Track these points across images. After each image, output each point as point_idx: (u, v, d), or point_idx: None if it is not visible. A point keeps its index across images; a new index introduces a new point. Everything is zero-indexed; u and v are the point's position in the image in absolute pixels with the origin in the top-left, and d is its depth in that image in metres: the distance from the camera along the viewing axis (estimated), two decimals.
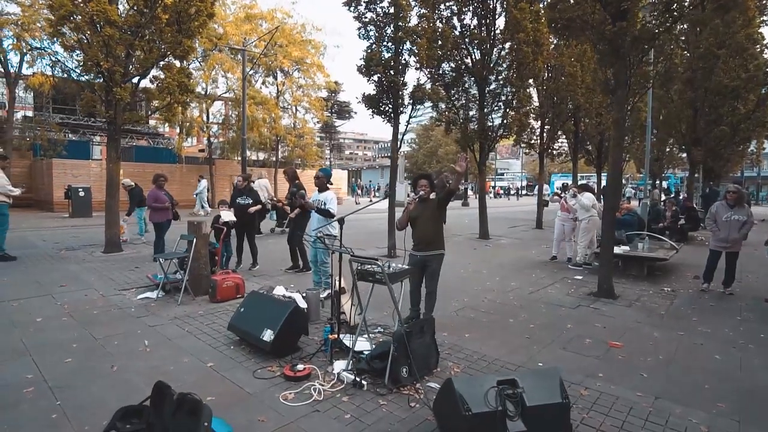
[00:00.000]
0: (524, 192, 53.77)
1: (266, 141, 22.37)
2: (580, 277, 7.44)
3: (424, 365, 3.45)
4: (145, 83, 8.99)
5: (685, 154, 17.74)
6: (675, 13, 5.72)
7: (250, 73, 20.02)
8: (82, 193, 15.66)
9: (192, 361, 3.68)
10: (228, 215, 6.77)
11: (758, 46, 15.08)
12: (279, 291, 4.74)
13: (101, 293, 5.70)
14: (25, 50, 17.02)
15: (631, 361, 3.91)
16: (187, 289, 5.46)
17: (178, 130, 22.01)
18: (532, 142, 15.40)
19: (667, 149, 22.88)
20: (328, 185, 5.85)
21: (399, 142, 8.86)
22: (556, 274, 7.69)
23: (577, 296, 6.18)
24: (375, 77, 8.40)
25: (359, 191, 36.96)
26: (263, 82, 23.82)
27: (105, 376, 3.38)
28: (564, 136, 17.59)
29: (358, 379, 3.23)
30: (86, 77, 7.89)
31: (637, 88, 6.63)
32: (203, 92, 20.76)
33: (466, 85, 12.08)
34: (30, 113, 23.45)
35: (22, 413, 2.83)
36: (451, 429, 2.46)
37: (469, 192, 35.39)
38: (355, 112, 38.01)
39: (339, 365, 3.49)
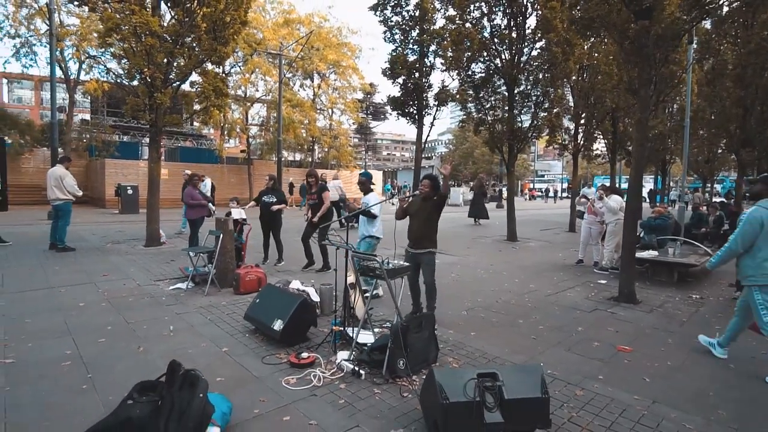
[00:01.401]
0: (564, 194, 52.14)
1: (302, 142, 23.01)
2: (604, 281, 7.28)
3: (423, 359, 3.58)
4: (185, 87, 9.58)
5: (734, 156, 16.71)
6: (706, 8, 5.54)
7: (288, 76, 20.69)
8: (130, 191, 16.78)
9: (209, 346, 3.99)
10: (238, 212, 7.15)
11: None
12: (294, 285, 4.99)
13: (138, 283, 6.19)
14: (82, 58, 18.44)
15: (636, 365, 3.86)
16: (214, 281, 5.84)
17: (219, 132, 23.06)
18: (566, 143, 15.02)
19: (719, 150, 21.66)
20: (371, 187, 6.05)
21: (423, 143, 8.98)
22: (580, 277, 7.56)
23: (597, 300, 6.08)
24: (400, 80, 8.57)
25: (393, 191, 37.14)
26: (301, 85, 24.59)
27: (132, 355, 3.74)
28: (602, 137, 17.05)
29: (357, 368, 3.41)
30: (131, 82, 8.52)
31: (664, 88, 6.41)
32: (243, 95, 21.65)
33: (496, 86, 12.02)
34: (87, 116, 25.30)
35: (58, 382, 3.21)
36: (432, 416, 2.58)
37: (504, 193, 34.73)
38: (390, 114, 38.31)
39: (342, 355, 3.68)
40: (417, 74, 8.40)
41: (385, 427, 2.73)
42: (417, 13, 8.30)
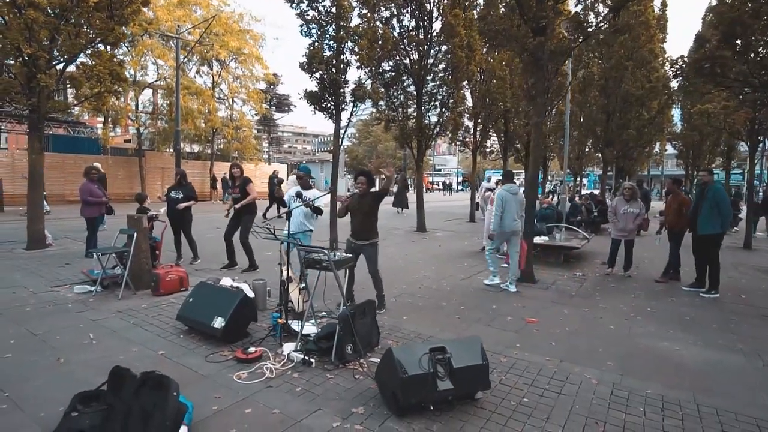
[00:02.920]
0: (460, 187, 56.06)
1: (201, 133, 21.57)
2: (505, 265, 8.18)
3: (367, 343, 3.83)
4: (71, 70, 8.50)
5: (599, 154, 19.62)
6: (584, 32, 6.55)
7: (183, 61, 19.17)
8: None
9: (141, 350, 3.78)
10: (155, 209, 6.72)
11: (660, 59, 17.10)
12: (226, 282, 4.87)
13: (31, 290, 5.48)
14: None
15: (543, 333, 4.56)
16: (128, 283, 5.41)
17: (102, 119, 20.58)
18: (466, 140, 16.30)
19: (586, 149, 25.15)
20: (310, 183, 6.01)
21: (341, 139, 9.15)
22: (484, 262, 8.39)
23: (503, 281, 6.87)
24: (317, 74, 8.61)
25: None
26: (197, 72, 22.92)
27: (51, 368, 3.40)
28: (495, 135, 18.80)
29: (306, 357, 3.54)
30: (5, 61, 7.34)
31: (554, 96, 7.42)
32: (132, 79, 19.58)
33: (405, 85, 12.63)
34: None
35: None
36: (390, 391, 2.85)
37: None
38: (295, 106, 37.66)
39: (288, 347, 3.77)
40: (334, 70, 8.49)
41: (346, 406, 2.93)
42: (333, 10, 8.37)
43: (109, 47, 8.28)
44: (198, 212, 7.66)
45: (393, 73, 12.07)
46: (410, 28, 11.84)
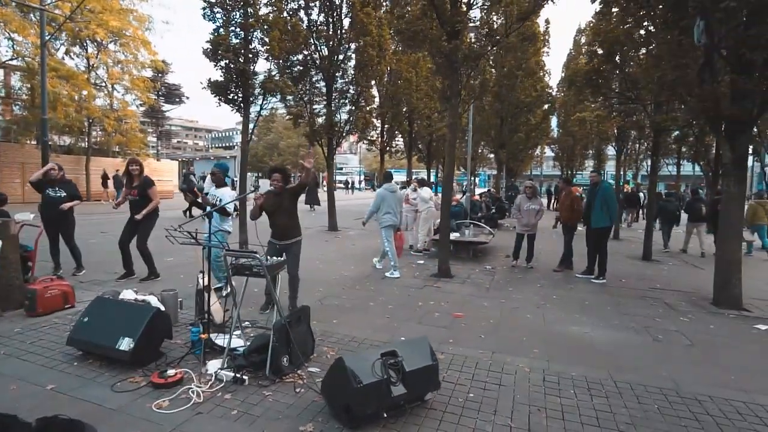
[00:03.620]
0: (362, 186, 56.73)
1: (73, 123, 18.71)
2: (422, 262, 8.42)
3: (302, 352, 3.57)
4: None
5: (492, 155, 21.29)
6: (493, 39, 6.96)
7: (49, 38, 16.43)
8: None
9: (23, 386, 3.06)
10: (23, 215, 5.62)
11: (541, 72, 19.06)
12: (128, 295, 4.20)
13: None
14: None
15: (471, 327, 4.71)
16: None
17: None
18: (374, 139, 16.48)
19: (480, 150, 27.08)
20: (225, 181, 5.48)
21: (249, 134, 8.56)
22: (401, 260, 8.48)
23: (422, 278, 7.03)
24: (223, 63, 7.94)
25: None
26: (66, 52, 19.81)
27: None
28: (401, 136, 19.32)
29: (238, 375, 3.18)
30: None
31: (467, 98, 7.78)
32: None
33: (314, 80, 12.31)
34: None
35: None
36: (341, 403, 2.67)
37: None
38: (187, 97, 34.45)
39: (214, 365, 3.36)
40: (242, 59, 7.92)
41: (293, 425, 2.68)
42: None
43: None
44: (79, 214, 6.56)
45: (301, 68, 11.68)
46: (318, 23, 11.56)
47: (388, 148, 17.35)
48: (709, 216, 10.15)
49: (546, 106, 18.19)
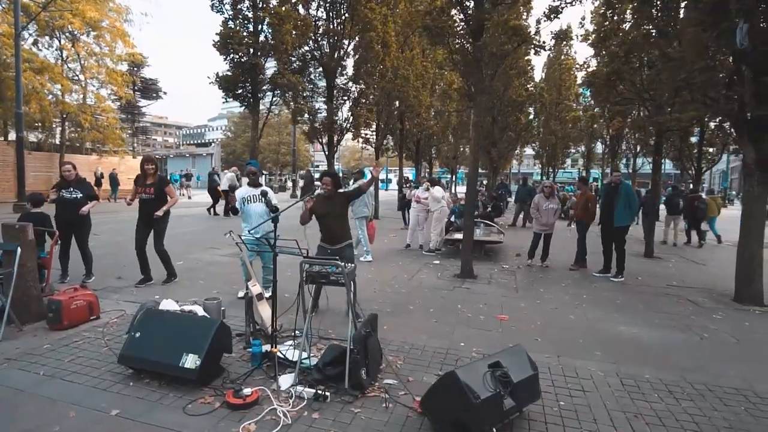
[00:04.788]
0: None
1: (46, 118, 17.67)
2: (437, 262, 8.31)
3: (376, 363, 3.40)
4: None
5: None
6: (524, 37, 6.90)
7: (22, 28, 15.42)
8: None
9: (82, 412, 2.76)
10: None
11: (529, 73, 19.27)
12: (168, 305, 3.91)
13: None
14: None
15: (520, 329, 4.63)
16: (12, 317, 4.01)
17: None
18: (369, 137, 16.26)
19: (461, 149, 27.24)
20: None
21: (260, 131, 8.23)
22: (418, 260, 8.40)
23: (447, 279, 6.92)
24: (233, 56, 7.60)
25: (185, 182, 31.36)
26: (35, 43, 18.66)
27: None
28: (392, 134, 19.18)
29: (320, 391, 2.97)
30: None
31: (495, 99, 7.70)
32: None
33: (312, 77, 12.00)
34: None
35: None
36: (451, 419, 2.51)
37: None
38: (165, 92, 32.94)
39: (285, 380, 3.14)
40: (252, 52, 7.59)
41: None
42: None
43: None
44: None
45: (300, 63, 11.36)
46: (318, 18, 11.27)
47: (382, 147, 17.15)
48: (684, 210, 11.50)
49: (537, 106, 18.42)
